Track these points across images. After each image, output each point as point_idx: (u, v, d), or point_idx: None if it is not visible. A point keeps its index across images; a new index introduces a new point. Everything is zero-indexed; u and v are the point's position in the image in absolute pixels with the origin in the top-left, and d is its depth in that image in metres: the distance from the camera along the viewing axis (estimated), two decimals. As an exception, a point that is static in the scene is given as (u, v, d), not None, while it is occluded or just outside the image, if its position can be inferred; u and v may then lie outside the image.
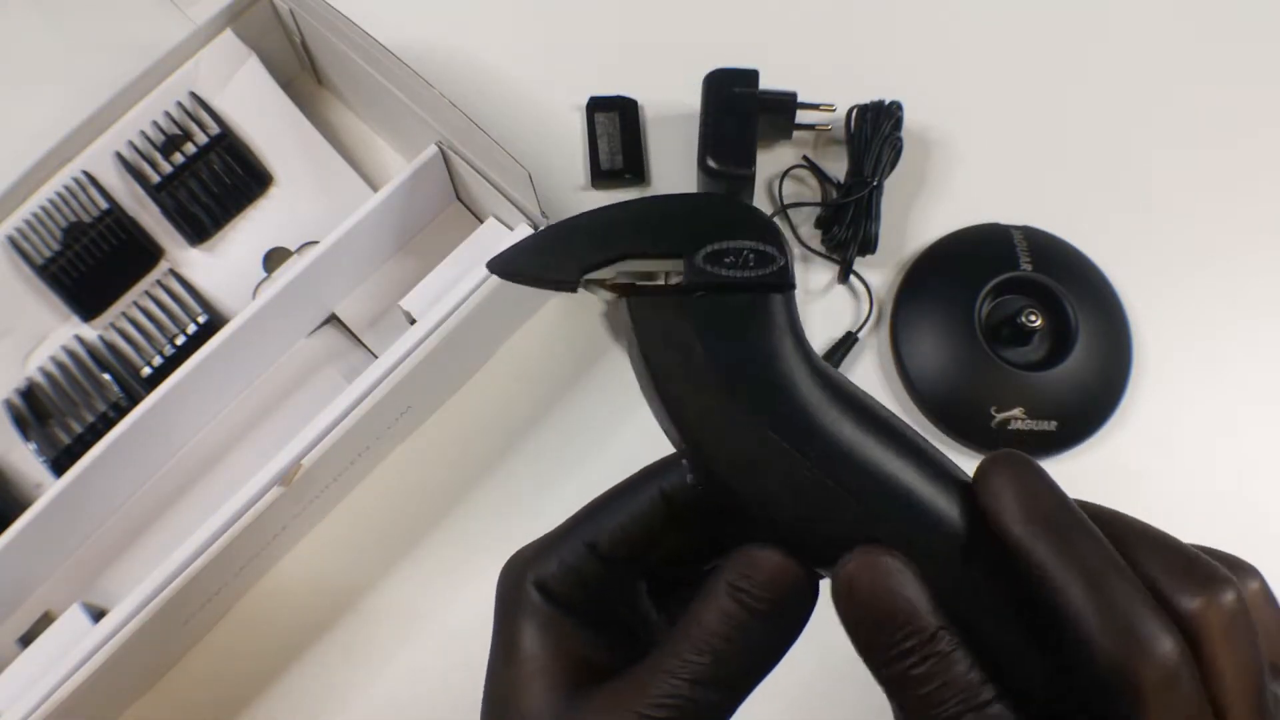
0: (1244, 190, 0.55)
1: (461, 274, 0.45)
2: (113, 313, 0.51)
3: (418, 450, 0.51)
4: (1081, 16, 0.58)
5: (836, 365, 0.51)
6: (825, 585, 0.24)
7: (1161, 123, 0.56)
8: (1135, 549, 0.22)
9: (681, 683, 0.23)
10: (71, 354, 0.49)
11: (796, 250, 0.53)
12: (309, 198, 0.52)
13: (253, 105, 0.52)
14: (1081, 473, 0.49)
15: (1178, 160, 0.55)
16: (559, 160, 0.55)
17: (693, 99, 0.53)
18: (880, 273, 0.53)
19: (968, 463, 0.24)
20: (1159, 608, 0.20)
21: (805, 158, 0.55)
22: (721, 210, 0.25)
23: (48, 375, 0.49)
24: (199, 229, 0.51)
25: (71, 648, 0.40)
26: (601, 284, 0.25)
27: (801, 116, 0.54)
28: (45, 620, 0.46)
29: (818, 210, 0.54)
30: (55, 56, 0.59)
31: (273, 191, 0.53)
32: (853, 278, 0.53)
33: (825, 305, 0.53)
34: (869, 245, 0.52)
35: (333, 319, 0.51)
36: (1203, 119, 0.56)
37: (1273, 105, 0.56)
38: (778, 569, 0.23)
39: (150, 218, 0.51)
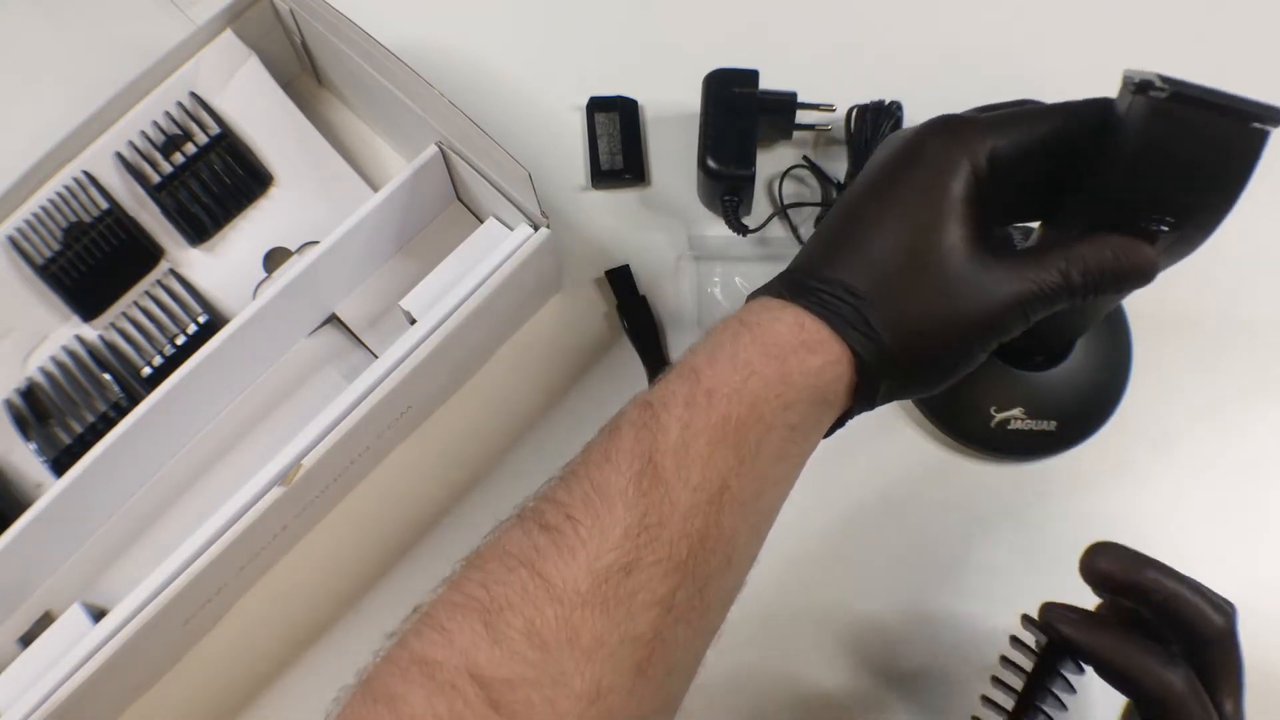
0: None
1: (461, 274, 0.45)
2: (113, 313, 0.51)
3: (418, 450, 0.51)
4: (1081, 16, 0.58)
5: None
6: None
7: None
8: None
9: (1060, 279, 0.35)
10: (72, 354, 0.49)
11: (797, 249, 0.53)
12: (309, 198, 0.52)
13: (253, 105, 0.52)
14: (1081, 473, 0.49)
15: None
16: (559, 160, 0.55)
17: (693, 99, 0.53)
18: (880, 273, 0.53)
19: (967, 463, 0.24)
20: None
21: (805, 158, 0.55)
22: None
23: (48, 375, 0.49)
24: (199, 229, 0.51)
25: (71, 648, 0.40)
26: None
27: (801, 116, 0.54)
28: (45, 620, 0.46)
29: (818, 210, 0.54)
30: (55, 56, 0.59)
31: (273, 191, 0.53)
32: (853, 278, 0.53)
33: (825, 305, 0.53)
34: (869, 245, 0.52)
35: (333, 319, 0.51)
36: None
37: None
38: (1147, 261, 0.35)
39: (150, 218, 0.51)
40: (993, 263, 0.34)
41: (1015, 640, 0.36)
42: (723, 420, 0.32)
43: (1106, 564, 0.34)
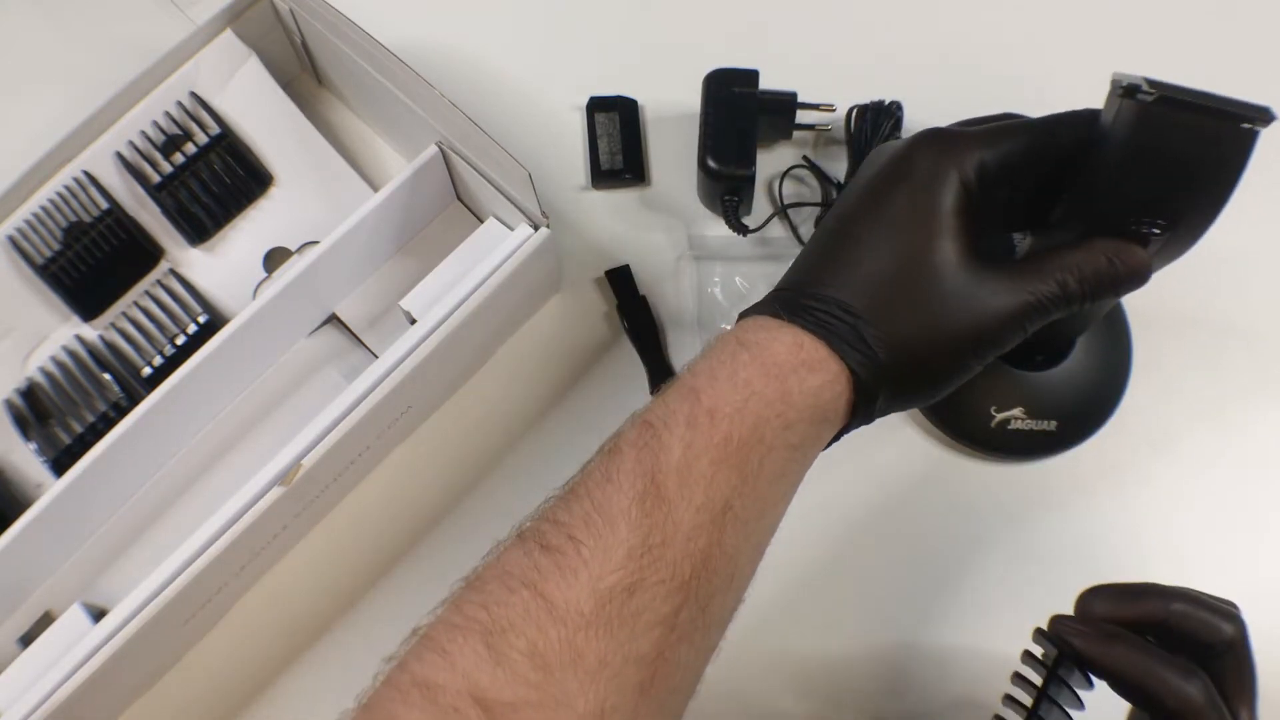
0: (1243, 188, 0.55)
1: (461, 274, 0.45)
2: (113, 313, 0.51)
3: (418, 450, 0.51)
4: (1081, 16, 0.58)
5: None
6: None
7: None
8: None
9: (1058, 288, 0.35)
10: (72, 354, 0.49)
11: (797, 249, 0.53)
12: (309, 198, 0.52)
13: (253, 105, 0.52)
14: (1081, 473, 0.49)
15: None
16: (559, 160, 0.55)
17: (693, 99, 0.53)
18: (880, 273, 0.53)
19: (967, 463, 0.24)
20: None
21: (805, 158, 0.55)
22: None
23: (48, 375, 0.49)
24: (199, 229, 0.51)
25: (71, 648, 0.40)
26: None
27: (801, 116, 0.54)
28: (45, 620, 0.46)
29: (818, 210, 0.54)
30: (55, 56, 0.59)
31: (273, 191, 0.53)
32: (853, 278, 0.53)
33: (825, 305, 0.53)
34: (869, 245, 0.52)
35: (333, 319, 0.51)
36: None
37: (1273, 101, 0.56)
38: (1141, 264, 0.36)
39: (150, 218, 0.51)
40: (987, 275, 0.34)
41: (1027, 654, 0.35)
42: (725, 440, 0.32)
43: (1103, 609, 0.34)
